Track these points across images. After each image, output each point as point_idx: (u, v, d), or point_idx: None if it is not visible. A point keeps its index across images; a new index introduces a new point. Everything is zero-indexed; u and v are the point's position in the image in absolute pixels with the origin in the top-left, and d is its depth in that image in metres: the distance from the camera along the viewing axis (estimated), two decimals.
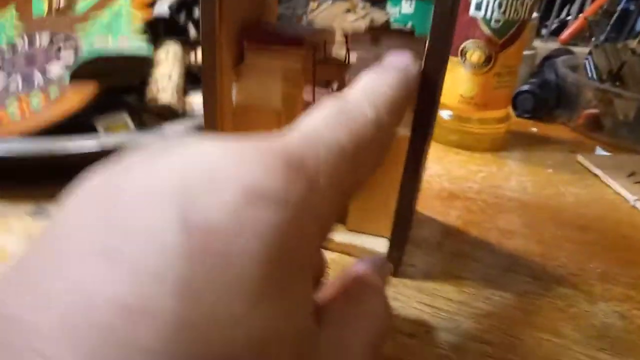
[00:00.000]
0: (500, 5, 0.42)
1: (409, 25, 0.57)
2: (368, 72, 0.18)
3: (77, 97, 0.37)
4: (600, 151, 0.51)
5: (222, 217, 0.11)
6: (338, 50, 0.31)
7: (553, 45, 0.77)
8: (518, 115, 0.59)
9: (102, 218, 0.11)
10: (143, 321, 0.10)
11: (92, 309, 0.10)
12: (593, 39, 0.60)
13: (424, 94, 0.24)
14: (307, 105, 0.32)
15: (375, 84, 0.17)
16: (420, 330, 0.25)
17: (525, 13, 0.43)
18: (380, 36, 0.27)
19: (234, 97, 0.30)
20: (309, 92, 0.31)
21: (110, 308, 0.10)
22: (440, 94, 0.30)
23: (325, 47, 0.30)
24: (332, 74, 0.29)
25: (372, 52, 0.27)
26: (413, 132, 0.25)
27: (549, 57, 0.66)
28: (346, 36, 0.29)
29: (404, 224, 0.28)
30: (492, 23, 0.43)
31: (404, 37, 0.27)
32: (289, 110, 0.31)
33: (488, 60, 0.44)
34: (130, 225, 0.11)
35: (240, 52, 0.29)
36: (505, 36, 0.43)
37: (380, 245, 0.30)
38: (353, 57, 0.28)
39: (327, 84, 0.31)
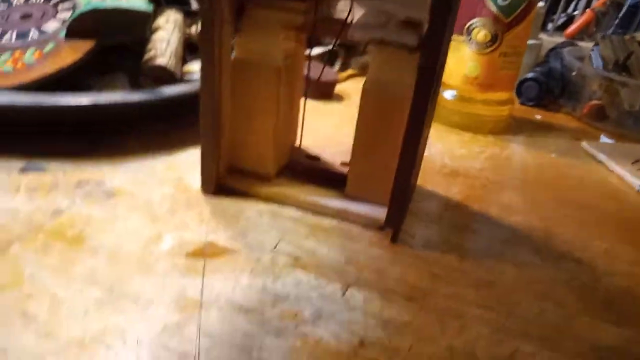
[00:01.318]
0: None
1: None
2: None
3: (73, 53, 0.36)
4: (605, 139, 0.50)
5: None
6: (343, 8, 0.29)
7: (558, 39, 0.76)
8: (522, 103, 0.58)
9: None
10: None
11: None
12: (599, 33, 0.59)
13: (427, 51, 0.23)
14: (307, 61, 0.31)
15: None
16: (418, 294, 0.24)
17: None
18: None
19: (233, 52, 0.29)
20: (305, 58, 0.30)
21: None
22: (445, 54, 0.29)
23: (329, 3, 0.29)
24: (333, 31, 0.28)
25: (376, 8, 0.26)
26: (416, 93, 0.24)
27: (555, 49, 0.65)
28: None
29: (404, 190, 0.27)
30: (500, 1, 0.42)
31: None
32: (290, 67, 0.30)
33: (494, 39, 0.43)
34: None
35: (241, 5, 0.28)
36: (512, 15, 0.42)
37: (377, 212, 0.29)
38: (358, 12, 0.27)
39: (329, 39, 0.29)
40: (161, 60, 0.38)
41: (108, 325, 0.19)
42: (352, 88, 0.55)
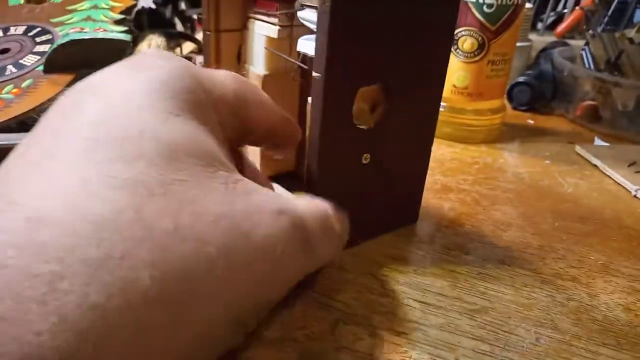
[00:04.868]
0: None
1: None
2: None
3: (52, 87, 0.35)
4: (599, 142, 0.49)
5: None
6: None
7: (549, 39, 0.76)
8: (514, 108, 0.57)
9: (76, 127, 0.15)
10: None
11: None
12: (590, 31, 0.58)
13: None
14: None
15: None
16: (409, 327, 0.23)
17: None
18: None
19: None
20: None
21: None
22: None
23: None
24: None
25: None
26: None
27: (545, 50, 0.64)
28: None
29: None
30: (485, 8, 0.41)
31: None
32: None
33: (481, 47, 0.43)
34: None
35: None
36: (499, 22, 0.42)
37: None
38: None
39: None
40: None
41: None
42: None
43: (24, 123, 0.34)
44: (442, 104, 0.46)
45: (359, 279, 0.26)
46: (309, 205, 0.20)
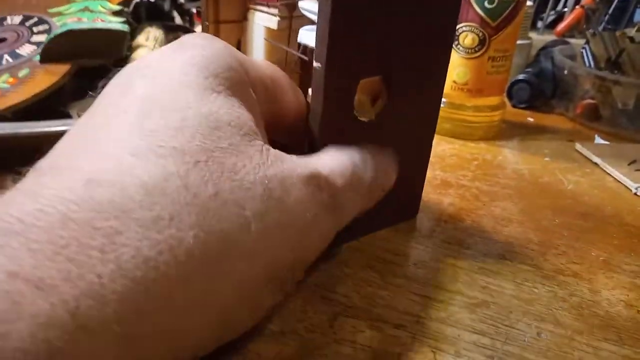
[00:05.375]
0: None
1: None
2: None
3: (49, 76, 0.35)
4: (599, 140, 0.49)
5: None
6: None
7: (549, 37, 0.76)
8: (514, 106, 0.57)
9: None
10: None
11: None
12: (590, 30, 0.58)
13: None
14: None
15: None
16: (409, 320, 0.23)
17: None
18: None
19: None
20: None
21: None
22: None
23: None
24: None
25: None
26: None
27: (545, 48, 0.64)
28: None
29: None
30: (486, 4, 0.41)
31: None
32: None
33: (482, 43, 0.43)
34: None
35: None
36: (500, 18, 0.41)
37: None
38: None
39: None
40: None
41: None
42: None
43: (18, 111, 0.33)
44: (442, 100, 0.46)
45: (359, 273, 0.26)
46: (333, 162, 0.21)
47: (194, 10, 0.55)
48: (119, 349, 0.13)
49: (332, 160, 0.22)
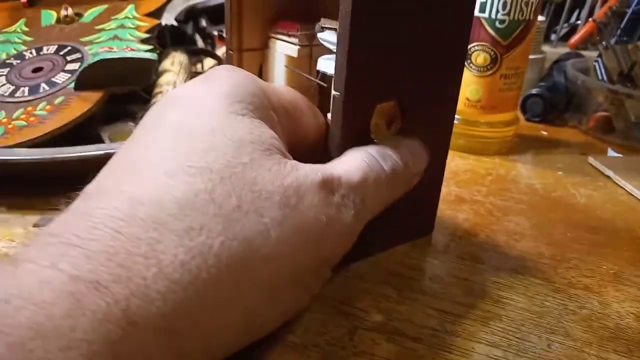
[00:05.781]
0: (504, 6, 0.41)
1: None
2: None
3: (83, 104, 0.37)
4: (612, 153, 0.50)
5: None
6: None
7: (562, 50, 0.76)
8: (527, 119, 0.58)
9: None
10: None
11: None
12: (603, 42, 0.59)
13: None
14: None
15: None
16: (425, 333, 0.24)
17: (530, 13, 0.42)
18: None
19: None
20: None
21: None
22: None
23: None
24: None
25: None
26: None
27: (558, 61, 0.65)
28: None
29: None
30: (497, 24, 0.42)
31: None
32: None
33: (494, 62, 0.44)
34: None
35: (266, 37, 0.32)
36: (511, 37, 0.43)
37: None
38: None
39: None
40: None
41: None
42: None
43: (55, 137, 0.36)
44: (456, 116, 0.47)
45: (376, 288, 0.27)
46: (348, 161, 0.23)
47: (216, 34, 0.57)
48: (163, 343, 0.15)
49: (347, 161, 0.23)
